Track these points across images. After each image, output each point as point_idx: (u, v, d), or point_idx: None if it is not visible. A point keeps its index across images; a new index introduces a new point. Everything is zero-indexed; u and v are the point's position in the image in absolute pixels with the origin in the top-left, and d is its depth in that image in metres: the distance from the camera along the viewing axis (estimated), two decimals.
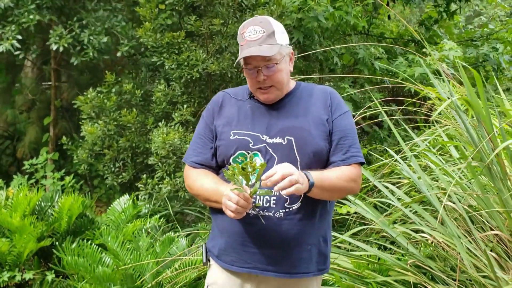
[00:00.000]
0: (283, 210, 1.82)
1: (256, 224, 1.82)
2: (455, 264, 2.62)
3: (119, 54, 4.70)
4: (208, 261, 1.98)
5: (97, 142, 4.34)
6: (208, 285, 1.98)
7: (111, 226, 3.79)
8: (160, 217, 3.93)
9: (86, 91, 4.45)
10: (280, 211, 1.82)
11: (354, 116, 3.09)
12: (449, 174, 2.93)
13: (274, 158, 1.83)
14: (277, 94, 1.90)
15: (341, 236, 3.09)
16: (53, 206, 3.90)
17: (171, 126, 4.07)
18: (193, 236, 3.76)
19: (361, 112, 3.35)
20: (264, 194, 1.79)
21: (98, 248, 3.40)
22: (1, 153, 6.45)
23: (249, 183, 1.67)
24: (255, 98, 1.94)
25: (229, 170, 1.66)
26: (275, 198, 1.81)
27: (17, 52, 4.71)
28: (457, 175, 2.79)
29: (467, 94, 2.53)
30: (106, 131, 4.31)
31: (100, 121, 4.32)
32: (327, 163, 1.88)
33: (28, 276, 3.39)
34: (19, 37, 4.58)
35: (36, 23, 4.55)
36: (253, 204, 1.75)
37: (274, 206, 1.82)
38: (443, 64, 3.68)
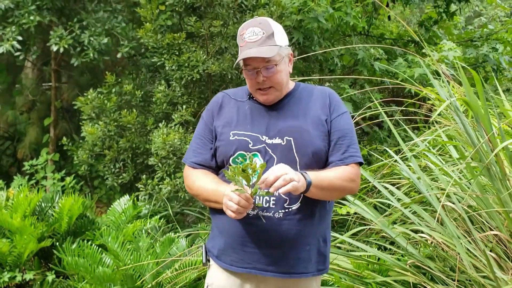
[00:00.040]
0: (283, 211, 1.82)
1: (256, 224, 1.82)
2: (454, 265, 2.62)
3: (119, 55, 4.71)
4: (208, 261, 1.98)
5: (97, 143, 4.35)
6: (208, 285, 1.98)
7: (111, 226, 3.80)
8: (160, 218, 3.94)
9: (86, 92, 4.47)
10: (280, 211, 1.82)
11: (354, 117, 3.10)
12: (448, 174, 2.93)
13: (274, 158, 1.83)
14: (276, 95, 1.91)
15: (341, 237, 3.09)
16: (53, 207, 3.90)
17: (171, 127, 4.07)
18: (193, 236, 3.76)
19: (361, 112, 3.35)
20: (264, 195, 1.79)
21: (98, 248, 3.40)
22: (2, 154, 6.45)
23: (250, 183, 1.67)
24: (255, 99, 1.95)
25: (229, 170, 1.67)
26: (274, 198, 1.82)
27: (18, 53, 4.72)
28: (456, 176, 2.79)
29: (466, 95, 2.54)
30: (106, 131, 4.32)
31: (101, 122, 4.33)
32: (326, 164, 1.89)
33: (29, 276, 3.40)
34: (20, 38, 4.58)
35: (37, 24, 4.56)
36: (254, 204, 1.75)
37: (274, 206, 1.82)
38: (442, 65, 3.68)
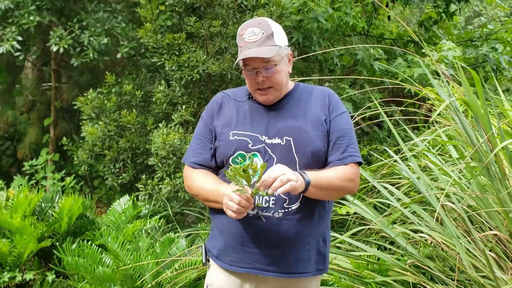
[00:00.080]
0: (282, 210, 1.83)
1: (256, 224, 1.83)
2: (454, 264, 2.62)
3: (119, 55, 4.71)
4: (208, 261, 1.99)
5: (97, 143, 4.35)
6: (208, 285, 1.98)
7: (111, 226, 3.80)
8: (160, 218, 3.94)
9: (86, 92, 4.47)
10: (279, 211, 1.83)
11: (354, 117, 3.10)
12: (448, 174, 2.93)
13: (273, 158, 1.84)
14: (276, 95, 1.91)
15: (341, 237, 3.09)
16: (53, 207, 3.90)
17: (171, 127, 4.07)
18: (193, 236, 3.77)
19: (360, 112, 3.35)
20: (264, 195, 1.79)
21: (98, 248, 3.40)
22: (2, 154, 6.45)
23: (250, 183, 1.67)
24: (254, 99, 1.95)
25: (230, 171, 1.67)
26: (274, 198, 1.82)
27: (17, 53, 4.72)
28: (456, 175, 2.79)
29: (465, 95, 2.54)
30: (106, 132, 4.32)
31: (100, 122, 4.33)
32: (325, 164, 1.89)
33: (29, 276, 3.40)
34: (20, 38, 4.59)
35: (36, 24, 4.56)
36: (253, 204, 1.75)
37: (273, 206, 1.82)
38: (442, 65, 3.68)
